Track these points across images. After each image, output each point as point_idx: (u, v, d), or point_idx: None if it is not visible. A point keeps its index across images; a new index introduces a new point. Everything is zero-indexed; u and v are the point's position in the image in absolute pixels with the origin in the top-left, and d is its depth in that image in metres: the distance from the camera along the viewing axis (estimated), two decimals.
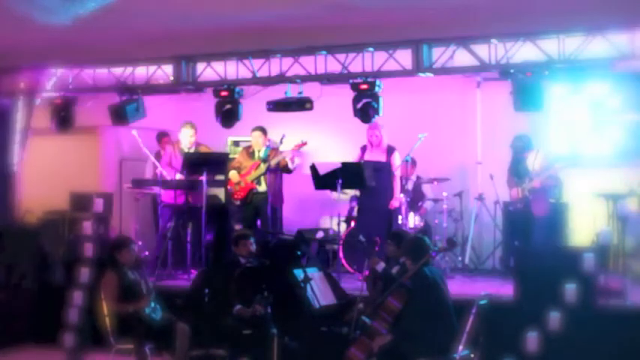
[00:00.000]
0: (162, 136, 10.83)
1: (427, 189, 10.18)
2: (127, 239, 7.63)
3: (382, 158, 9.14)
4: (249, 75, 8.88)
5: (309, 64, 8.56)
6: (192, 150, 9.77)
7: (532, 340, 6.23)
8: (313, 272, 7.59)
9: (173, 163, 9.81)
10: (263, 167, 9.58)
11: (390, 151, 9.24)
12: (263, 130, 9.71)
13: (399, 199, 9.13)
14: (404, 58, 8.21)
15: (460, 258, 9.89)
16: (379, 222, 8.96)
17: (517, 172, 9.05)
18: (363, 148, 9.34)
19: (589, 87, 9.84)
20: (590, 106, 9.94)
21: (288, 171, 9.65)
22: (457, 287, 8.22)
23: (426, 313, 6.23)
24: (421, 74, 8.27)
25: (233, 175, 9.70)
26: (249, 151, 9.83)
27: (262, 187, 9.67)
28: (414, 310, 6.24)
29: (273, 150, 9.69)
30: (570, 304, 6.36)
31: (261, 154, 9.69)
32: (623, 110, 9.73)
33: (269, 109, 8.80)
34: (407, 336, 6.20)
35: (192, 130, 9.82)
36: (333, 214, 9.37)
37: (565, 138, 10.09)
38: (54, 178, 10.85)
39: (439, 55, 8.14)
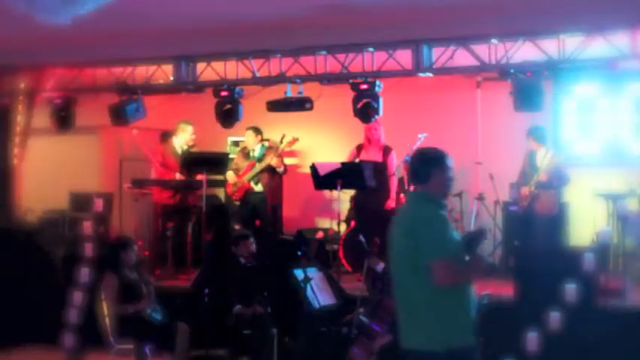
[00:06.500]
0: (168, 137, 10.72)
1: None
2: (130, 239, 7.65)
3: (378, 158, 9.14)
4: (249, 75, 8.87)
5: (309, 64, 8.56)
6: (185, 149, 9.78)
7: (532, 340, 6.21)
8: (313, 272, 7.59)
9: (167, 163, 9.81)
10: (258, 167, 9.62)
11: (387, 151, 9.22)
12: (255, 130, 9.75)
13: (394, 199, 9.13)
14: (404, 58, 8.20)
15: None
16: (377, 222, 8.92)
17: (531, 166, 8.94)
18: (359, 147, 9.34)
19: (588, 87, 9.82)
20: (591, 106, 9.93)
21: (279, 174, 9.69)
22: None
23: None
24: (421, 74, 8.27)
25: (230, 176, 9.74)
26: (244, 152, 9.89)
27: (259, 187, 9.69)
28: None
29: (270, 149, 9.70)
30: (570, 304, 6.35)
31: (256, 154, 9.71)
32: (624, 110, 9.71)
33: (269, 109, 8.80)
34: None
35: (192, 129, 9.84)
36: (333, 214, 9.36)
37: (565, 138, 10.08)
38: (54, 178, 10.85)
39: (439, 55, 8.14)
